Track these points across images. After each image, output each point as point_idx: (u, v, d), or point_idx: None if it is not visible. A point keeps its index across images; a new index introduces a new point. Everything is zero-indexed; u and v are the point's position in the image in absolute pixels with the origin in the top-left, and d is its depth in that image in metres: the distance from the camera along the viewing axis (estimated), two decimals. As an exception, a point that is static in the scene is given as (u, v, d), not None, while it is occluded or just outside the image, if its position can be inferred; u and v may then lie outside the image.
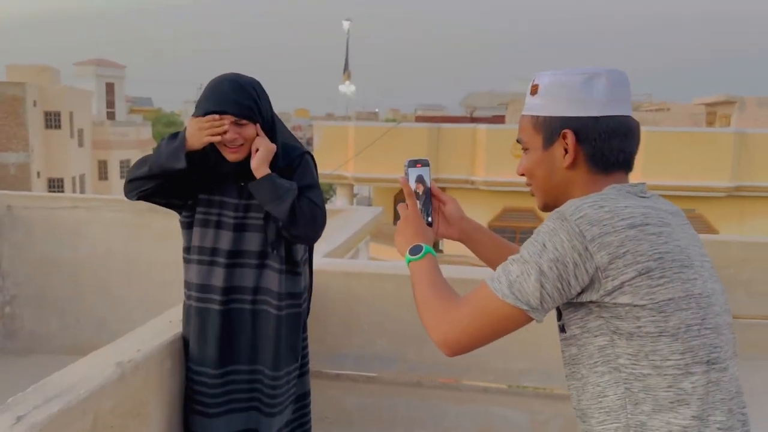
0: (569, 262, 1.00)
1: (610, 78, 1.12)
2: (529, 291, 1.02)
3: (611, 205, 1.03)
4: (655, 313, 0.99)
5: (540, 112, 1.15)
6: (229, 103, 1.77)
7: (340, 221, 3.99)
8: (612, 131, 1.11)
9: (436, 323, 1.11)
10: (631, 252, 0.99)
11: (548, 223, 1.05)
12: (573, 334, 1.09)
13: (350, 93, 27.07)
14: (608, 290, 1.00)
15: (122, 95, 47.84)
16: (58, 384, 1.44)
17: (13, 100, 27.60)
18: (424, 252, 1.21)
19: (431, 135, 17.44)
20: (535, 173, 1.19)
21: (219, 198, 1.89)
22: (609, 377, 1.04)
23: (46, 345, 4.47)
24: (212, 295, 1.88)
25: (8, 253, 4.49)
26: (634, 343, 1.01)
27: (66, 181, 30.89)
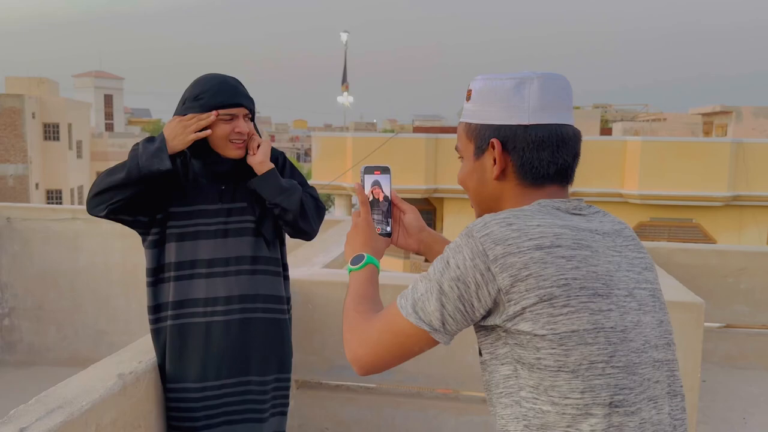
0: (471, 281, 0.93)
1: (542, 83, 1.03)
2: (430, 311, 0.96)
3: (521, 222, 0.95)
4: (555, 345, 0.90)
5: (472, 119, 1.07)
6: (242, 96, 1.77)
7: (339, 231, 4.00)
8: (541, 141, 1.01)
9: (349, 339, 1.05)
10: (534, 276, 0.91)
11: (457, 240, 0.99)
12: (485, 359, 1.02)
13: (348, 104, 27.16)
14: (510, 315, 0.93)
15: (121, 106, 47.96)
16: (60, 395, 1.44)
17: (11, 112, 27.66)
18: (364, 263, 1.16)
19: (429, 145, 17.49)
20: (468, 184, 1.11)
21: (195, 207, 1.80)
22: (510, 411, 0.97)
23: (44, 357, 4.46)
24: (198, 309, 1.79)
25: (7, 265, 4.49)
26: (535, 376, 0.93)
27: (64, 193, 30.90)
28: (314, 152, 19.17)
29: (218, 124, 1.75)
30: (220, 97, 1.73)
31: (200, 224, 1.81)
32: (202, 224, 1.81)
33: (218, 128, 1.75)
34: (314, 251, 3.26)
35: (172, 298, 1.80)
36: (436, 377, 2.52)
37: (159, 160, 1.68)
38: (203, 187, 1.82)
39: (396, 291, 2.53)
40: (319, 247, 3.40)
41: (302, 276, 2.60)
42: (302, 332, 2.55)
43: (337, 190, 18.82)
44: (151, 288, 1.84)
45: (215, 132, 1.76)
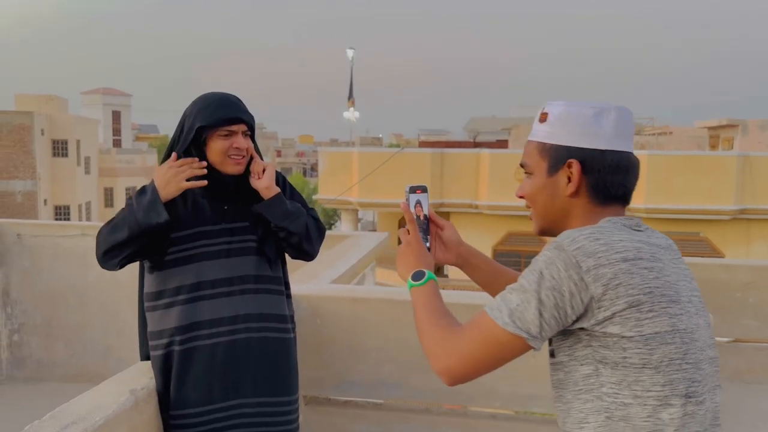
0: (565, 291, 1.03)
1: (618, 114, 1.15)
2: (529, 319, 1.05)
3: (606, 238, 1.06)
4: (641, 345, 1.03)
5: (548, 140, 1.18)
6: (241, 112, 1.78)
7: (346, 247, 4.02)
8: (616, 166, 1.14)
9: (437, 352, 1.12)
10: (624, 284, 1.02)
11: (545, 253, 1.07)
12: (561, 360, 1.12)
13: (354, 119, 27.31)
14: (599, 320, 1.04)
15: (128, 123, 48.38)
16: (74, 411, 1.46)
17: (21, 129, 27.95)
18: (426, 278, 1.23)
19: (435, 160, 17.54)
20: (537, 198, 1.21)
21: (197, 229, 1.79)
22: (591, 405, 1.08)
23: (53, 373, 4.47)
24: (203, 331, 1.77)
25: (17, 282, 4.52)
26: (618, 373, 1.04)
27: (72, 209, 31.09)
28: (321, 167, 19.24)
29: (217, 140, 1.76)
30: (219, 113, 1.74)
31: (203, 246, 1.80)
32: (204, 246, 1.80)
33: (217, 144, 1.76)
34: (321, 267, 3.28)
35: (178, 323, 1.77)
36: (445, 393, 2.52)
37: (155, 213, 1.69)
38: (204, 208, 1.82)
39: (394, 306, 2.55)
40: (327, 263, 3.42)
41: (310, 291, 2.62)
42: (310, 348, 2.56)
43: (343, 205, 18.86)
44: (152, 313, 1.82)
45: (213, 148, 1.76)
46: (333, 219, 40.91)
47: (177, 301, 1.78)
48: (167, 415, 1.76)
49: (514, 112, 34.06)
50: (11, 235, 4.50)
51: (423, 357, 2.49)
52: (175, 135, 1.83)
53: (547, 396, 2.45)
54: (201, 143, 1.78)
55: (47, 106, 32.03)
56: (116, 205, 36.14)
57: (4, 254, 4.49)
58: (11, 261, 4.50)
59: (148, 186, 1.75)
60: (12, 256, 4.50)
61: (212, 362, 1.77)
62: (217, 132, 1.76)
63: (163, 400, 1.78)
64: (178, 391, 1.76)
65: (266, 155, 63.92)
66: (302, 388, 2.62)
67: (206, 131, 1.76)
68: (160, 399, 1.77)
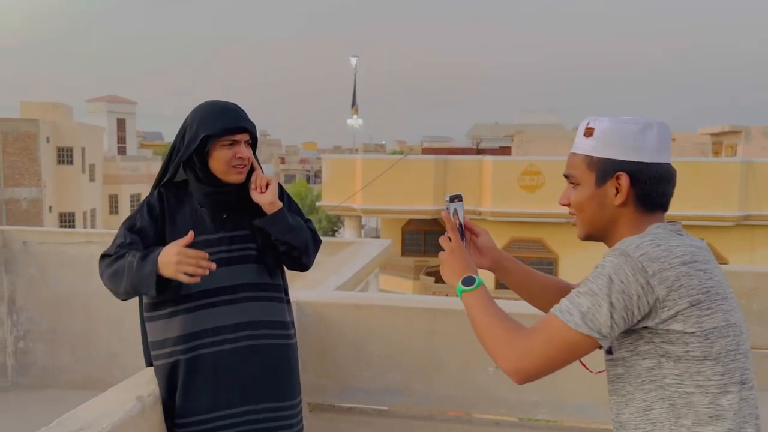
0: (633, 294, 1.14)
1: (659, 129, 1.26)
2: (602, 321, 1.15)
3: (666, 244, 1.17)
4: (701, 339, 1.15)
5: (595, 153, 1.28)
6: (244, 121, 1.79)
7: (350, 254, 4.03)
8: (660, 177, 1.26)
9: (505, 352, 1.21)
10: (684, 286, 1.14)
11: (611, 259, 1.17)
12: (621, 356, 1.23)
13: (358, 126, 27.37)
14: (663, 319, 1.15)
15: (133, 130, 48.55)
16: (81, 418, 1.47)
17: (26, 137, 28.07)
18: (477, 283, 1.31)
19: (438, 167, 17.56)
20: (584, 208, 1.31)
21: (198, 239, 1.75)
22: (655, 393, 1.19)
23: (58, 379, 4.48)
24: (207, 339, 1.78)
25: (22, 289, 4.54)
26: (681, 365, 1.16)
27: (77, 216, 31.17)
28: (324, 174, 19.29)
29: (220, 150, 1.76)
30: (222, 122, 1.75)
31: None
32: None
33: (220, 153, 1.76)
34: (326, 273, 3.29)
35: (181, 332, 1.78)
36: (448, 399, 2.53)
37: (146, 286, 1.69)
38: (203, 217, 1.83)
39: (399, 313, 2.56)
40: (331, 270, 3.43)
41: (315, 298, 2.63)
42: (315, 354, 2.56)
43: (346, 211, 18.89)
44: (154, 323, 1.83)
45: (217, 157, 1.77)
46: (336, 226, 40.92)
47: (179, 310, 1.78)
48: (172, 424, 1.77)
49: (517, 118, 34.08)
50: (17, 243, 4.52)
51: (426, 364, 2.51)
52: (176, 143, 1.83)
53: (552, 403, 2.46)
54: (203, 152, 1.78)
55: (52, 113, 32.16)
56: (121, 212, 36.26)
57: (10, 261, 4.52)
58: (17, 268, 4.53)
59: (152, 255, 1.70)
60: (18, 264, 4.53)
61: (217, 370, 1.78)
62: (220, 141, 1.76)
63: (167, 409, 1.78)
64: (184, 399, 1.76)
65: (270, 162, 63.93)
66: (306, 394, 2.62)
67: (210, 140, 1.76)
68: (164, 407, 1.77)
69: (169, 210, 1.82)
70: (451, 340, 2.48)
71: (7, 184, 27.96)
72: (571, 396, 2.40)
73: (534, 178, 16.54)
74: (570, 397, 2.41)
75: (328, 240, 4.71)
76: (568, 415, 2.45)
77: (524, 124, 29.48)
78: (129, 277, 1.71)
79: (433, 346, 2.51)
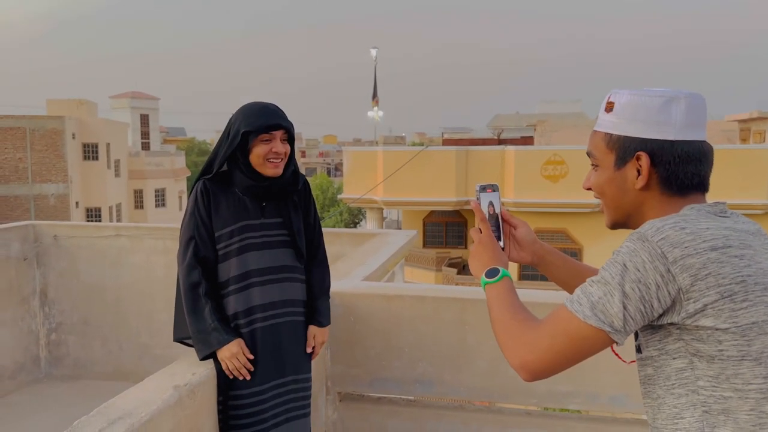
0: (651, 283, 1.00)
1: (688, 102, 1.10)
2: (613, 312, 1.01)
3: (693, 226, 1.02)
4: (737, 336, 0.99)
5: (614, 131, 1.14)
6: (280, 118, 1.97)
7: (375, 244, 4.03)
8: (687, 156, 1.10)
9: (514, 346, 1.10)
10: (713, 274, 0.98)
11: (628, 244, 1.03)
12: (650, 355, 1.09)
13: (378, 118, 27.32)
14: (690, 312, 1.00)
15: (156, 126, 49.14)
16: (121, 407, 1.49)
17: (53, 133, 28.57)
18: (501, 275, 1.21)
19: (459, 158, 17.46)
20: (605, 191, 1.18)
21: (242, 223, 2.00)
22: (686, 400, 1.05)
23: (90, 371, 4.57)
24: (257, 315, 1.99)
25: (54, 282, 4.63)
26: (715, 366, 1.01)
27: (103, 211, 31.69)
28: (345, 167, 19.30)
29: (259, 145, 1.95)
30: (261, 120, 1.93)
31: (247, 238, 2.01)
32: (248, 238, 2.01)
33: (258, 148, 1.95)
34: (353, 264, 3.30)
35: (240, 307, 1.98)
36: (479, 390, 2.52)
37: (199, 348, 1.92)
38: (246, 204, 2.02)
39: (428, 304, 2.55)
40: (358, 260, 3.43)
41: (343, 289, 2.63)
42: (344, 345, 2.57)
43: (368, 203, 18.90)
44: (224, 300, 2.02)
45: (255, 152, 1.95)
46: (357, 218, 41.00)
47: (231, 290, 1.99)
48: (226, 397, 1.93)
49: (540, 108, 33.73)
50: (48, 237, 4.61)
51: (456, 354, 2.50)
52: (222, 139, 2.02)
53: (585, 393, 2.44)
54: (245, 148, 1.96)
55: (77, 110, 32.63)
56: (146, 206, 36.74)
57: (41, 255, 4.61)
58: (48, 262, 4.61)
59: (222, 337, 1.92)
60: (49, 257, 4.61)
61: (268, 343, 1.98)
62: (259, 137, 1.94)
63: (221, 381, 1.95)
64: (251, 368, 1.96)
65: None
66: (336, 384, 2.64)
67: (251, 136, 1.94)
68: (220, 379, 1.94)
69: (213, 199, 2.02)
70: (481, 330, 2.47)
71: (35, 180, 28.51)
72: (604, 387, 2.38)
73: (557, 168, 16.36)
74: (603, 388, 2.38)
75: (353, 231, 4.71)
76: (601, 405, 2.43)
77: (546, 113, 29.16)
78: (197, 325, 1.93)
79: (462, 336, 2.49)
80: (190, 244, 1.98)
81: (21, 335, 4.47)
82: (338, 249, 4.04)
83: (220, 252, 2.00)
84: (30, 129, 28.28)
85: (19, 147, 28.26)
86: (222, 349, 1.90)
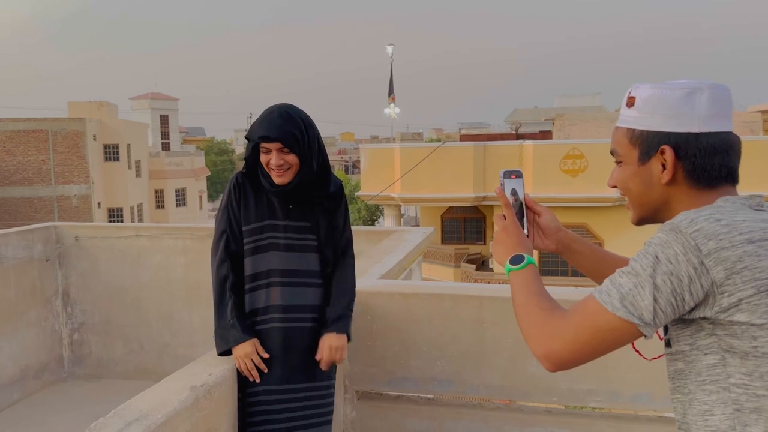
0: (684, 276, 0.97)
1: (712, 93, 1.08)
2: (643, 305, 0.99)
3: (728, 218, 0.99)
4: None
5: (636, 126, 1.12)
6: (275, 129, 1.90)
7: (392, 242, 4.02)
8: (713, 148, 1.07)
9: (538, 335, 1.07)
10: (750, 268, 0.95)
11: (660, 235, 1.01)
12: (680, 350, 1.07)
13: (395, 115, 27.29)
14: (724, 307, 0.97)
15: (176, 126, 49.66)
16: (137, 408, 1.50)
17: (74, 135, 29.01)
18: (526, 262, 1.19)
19: (477, 153, 17.37)
20: (630, 188, 1.15)
21: (267, 222, 1.99)
22: (717, 396, 1.02)
23: (112, 370, 4.63)
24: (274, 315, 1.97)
25: (75, 282, 4.69)
26: (749, 363, 0.98)
27: (125, 211, 32.12)
28: (362, 164, 19.30)
29: (262, 153, 1.95)
30: (260, 131, 1.90)
31: (271, 237, 2.00)
32: (272, 237, 2.00)
33: (261, 157, 1.95)
34: (370, 262, 3.28)
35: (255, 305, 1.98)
36: (498, 388, 2.49)
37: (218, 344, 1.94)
38: (273, 204, 2.02)
39: (446, 301, 2.53)
40: (375, 258, 3.42)
41: (360, 287, 2.61)
42: (362, 343, 2.56)
43: (385, 200, 18.89)
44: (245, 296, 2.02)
45: (261, 159, 1.95)
46: (375, 215, 41.02)
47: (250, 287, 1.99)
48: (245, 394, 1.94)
49: (558, 102, 33.42)
50: (69, 238, 4.67)
51: (475, 352, 2.48)
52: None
53: (606, 391, 2.40)
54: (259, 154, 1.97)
55: (98, 112, 33.11)
56: (167, 206, 37.16)
57: (63, 256, 4.67)
58: (70, 262, 4.68)
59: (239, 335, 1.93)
60: (71, 258, 4.68)
61: (285, 345, 1.96)
62: (261, 145, 1.93)
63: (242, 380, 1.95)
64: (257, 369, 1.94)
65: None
66: (354, 382, 2.63)
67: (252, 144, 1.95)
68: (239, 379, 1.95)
69: (243, 194, 2.02)
70: (499, 328, 2.44)
71: (58, 182, 28.99)
72: (626, 385, 2.33)
73: (576, 162, 16.20)
74: (625, 386, 2.34)
75: (370, 229, 4.71)
76: (623, 403, 2.39)
77: (565, 107, 28.88)
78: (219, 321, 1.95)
79: (481, 334, 2.47)
80: (222, 237, 1.99)
81: (45, 335, 4.55)
82: (355, 247, 4.03)
83: (245, 247, 2.00)
84: (52, 131, 28.75)
85: (42, 149, 28.76)
86: (237, 347, 1.91)
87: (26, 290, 4.42)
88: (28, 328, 4.41)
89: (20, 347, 4.33)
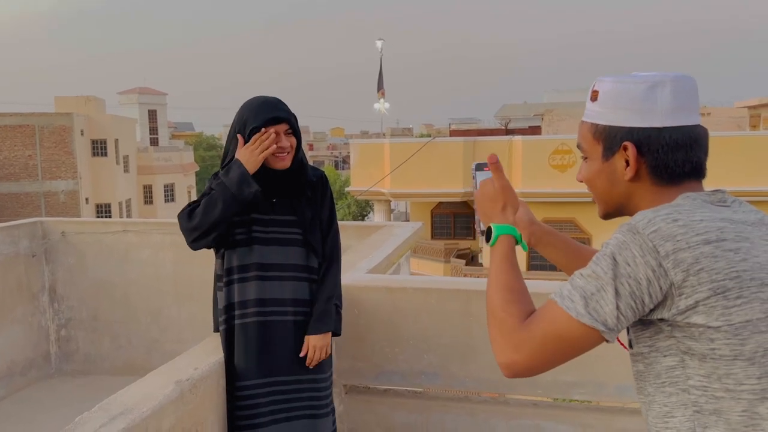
0: (642, 278, 0.95)
1: (675, 86, 1.05)
2: (607, 310, 0.96)
3: (686, 218, 0.97)
4: (730, 335, 0.94)
5: (599, 120, 1.09)
6: (285, 112, 1.96)
7: (381, 237, 4.02)
8: (676, 143, 1.04)
9: (503, 344, 1.04)
10: (706, 270, 0.93)
11: (618, 236, 0.99)
12: (640, 352, 1.05)
13: (385, 110, 27.26)
14: (681, 309, 0.95)
15: (164, 121, 49.32)
16: (122, 403, 1.50)
17: (61, 130, 28.73)
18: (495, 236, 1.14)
19: (467, 148, 17.40)
20: (595, 183, 1.13)
21: (250, 216, 1.98)
22: (676, 398, 1.00)
23: (99, 366, 4.60)
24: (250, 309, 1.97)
25: (62, 278, 4.66)
26: (707, 365, 0.96)
27: (113, 206, 31.89)
28: (352, 159, 19.28)
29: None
30: (264, 114, 1.92)
31: (256, 231, 2.00)
32: (257, 232, 2.00)
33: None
34: (358, 256, 3.29)
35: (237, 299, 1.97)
36: (485, 381, 2.51)
37: (247, 184, 1.88)
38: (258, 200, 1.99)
39: (432, 295, 2.54)
40: (363, 253, 3.42)
41: (348, 282, 2.62)
42: (349, 337, 2.57)
43: (375, 196, 18.89)
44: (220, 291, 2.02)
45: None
46: (365, 210, 41.01)
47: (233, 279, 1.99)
48: (233, 387, 1.94)
49: (548, 98, 33.53)
50: (56, 233, 4.63)
51: (461, 345, 2.49)
52: (230, 135, 2.01)
53: (590, 383, 2.42)
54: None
55: (85, 107, 32.76)
56: (156, 202, 36.93)
57: (50, 252, 4.63)
58: (57, 258, 4.64)
59: (232, 164, 1.91)
60: (57, 254, 4.64)
61: (268, 338, 1.96)
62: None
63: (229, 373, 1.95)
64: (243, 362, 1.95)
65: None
66: (342, 377, 2.64)
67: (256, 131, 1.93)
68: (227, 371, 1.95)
69: None
70: (486, 321, 2.45)
71: (45, 177, 28.72)
72: (611, 376, 2.36)
73: (565, 157, 16.27)
74: (609, 377, 2.36)
75: (359, 224, 4.71)
76: (609, 395, 2.41)
77: (555, 102, 28.98)
78: (224, 194, 1.88)
79: (468, 327, 2.48)
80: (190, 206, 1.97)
81: (31, 331, 4.51)
82: (343, 242, 4.01)
83: (231, 238, 1.99)
84: (39, 126, 28.46)
85: (29, 144, 28.46)
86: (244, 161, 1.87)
87: (12, 286, 4.39)
88: (14, 325, 4.38)
89: (6, 344, 4.30)
